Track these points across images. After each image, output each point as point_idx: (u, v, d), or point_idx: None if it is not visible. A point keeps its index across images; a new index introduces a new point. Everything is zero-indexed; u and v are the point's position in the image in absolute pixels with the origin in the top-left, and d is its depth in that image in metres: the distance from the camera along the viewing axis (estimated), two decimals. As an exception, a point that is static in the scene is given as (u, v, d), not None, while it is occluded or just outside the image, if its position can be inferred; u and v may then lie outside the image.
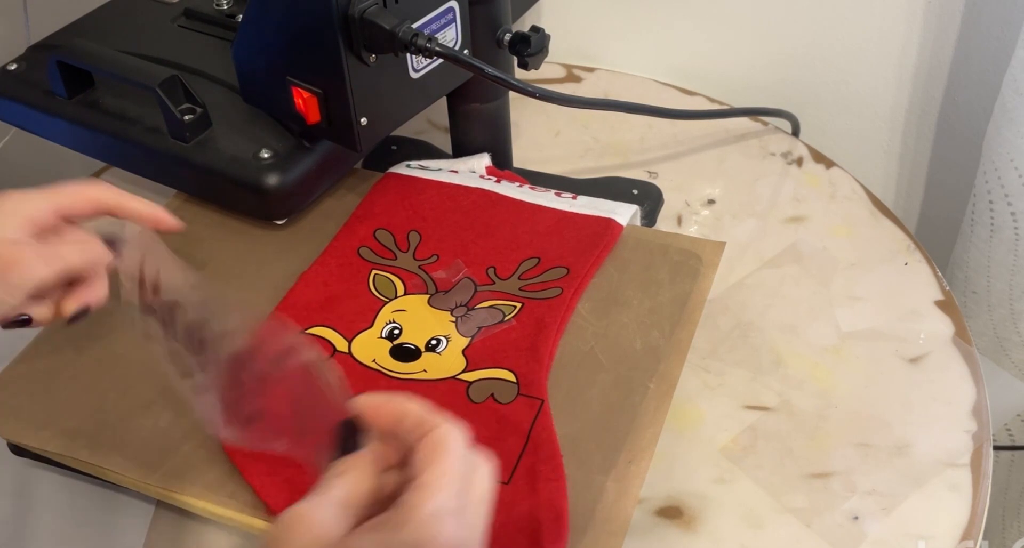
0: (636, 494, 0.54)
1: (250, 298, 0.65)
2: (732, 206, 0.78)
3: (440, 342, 0.61)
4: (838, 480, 0.58)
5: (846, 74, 0.87)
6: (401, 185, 0.72)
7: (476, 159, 0.74)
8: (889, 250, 0.74)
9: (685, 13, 0.89)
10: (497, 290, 0.64)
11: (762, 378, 0.64)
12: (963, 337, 0.67)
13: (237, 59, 0.67)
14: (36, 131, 0.74)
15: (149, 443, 0.57)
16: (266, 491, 0.54)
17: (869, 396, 0.63)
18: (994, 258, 0.78)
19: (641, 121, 0.85)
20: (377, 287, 0.65)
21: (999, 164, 0.73)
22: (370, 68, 0.60)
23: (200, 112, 0.68)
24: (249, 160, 0.67)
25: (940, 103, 0.86)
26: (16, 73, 0.74)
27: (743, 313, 0.68)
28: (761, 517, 0.57)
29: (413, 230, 0.69)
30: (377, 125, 0.64)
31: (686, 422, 0.62)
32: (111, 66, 0.68)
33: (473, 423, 0.56)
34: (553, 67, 0.93)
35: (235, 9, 0.79)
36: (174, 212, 0.73)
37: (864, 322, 0.68)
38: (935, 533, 0.56)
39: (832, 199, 0.78)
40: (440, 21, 0.62)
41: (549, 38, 0.66)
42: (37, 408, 0.60)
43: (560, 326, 0.62)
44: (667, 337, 0.61)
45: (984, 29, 0.79)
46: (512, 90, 0.61)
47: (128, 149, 0.70)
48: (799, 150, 0.83)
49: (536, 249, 0.67)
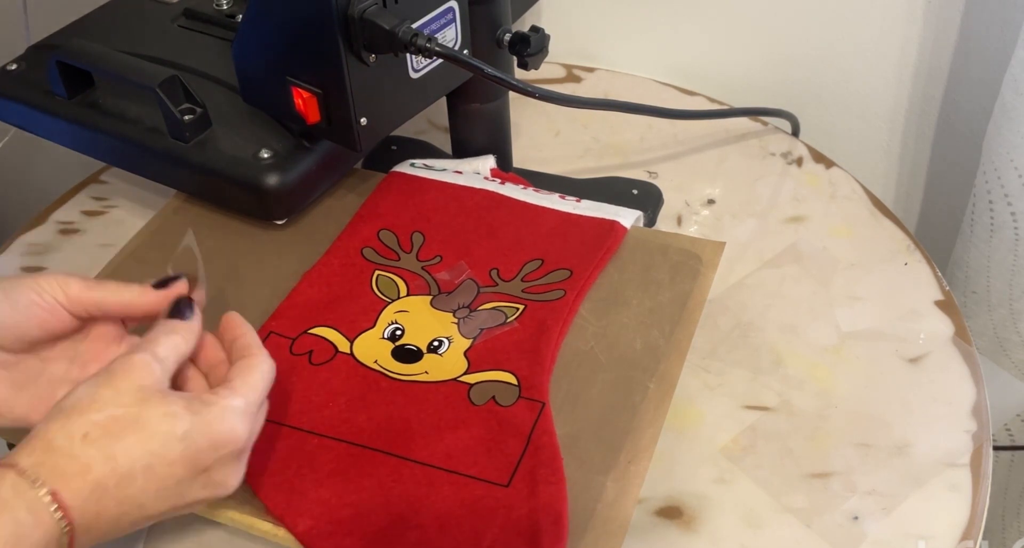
0: (636, 494, 0.54)
1: (250, 298, 0.65)
2: (732, 206, 0.78)
3: (442, 343, 0.61)
4: (838, 480, 0.58)
5: (846, 74, 0.87)
6: (405, 185, 0.72)
7: (480, 160, 0.74)
8: (889, 250, 0.74)
9: (685, 13, 0.89)
10: (500, 292, 0.64)
11: (762, 378, 0.64)
12: (963, 337, 0.67)
13: (237, 59, 0.67)
14: (36, 131, 0.74)
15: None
16: (265, 492, 0.54)
17: (869, 396, 0.63)
18: (994, 258, 0.78)
19: (641, 121, 0.85)
20: (380, 288, 0.65)
21: (999, 164, 0.73)
22: (370, 68, 0.60)
23: (200, 112, 0.68)
24: (249, 160, 0.67)
25: (940, 103, 0.86)
26: (16, 73, 0.74)
27: (743, 313, 0.68)
28: (761, 517, 0.57)
29: (417, 231, 0.69)
30: (377, 125, 0.64)
31: (686, 422, 0.62)
32: (111, 66, 0.68)
33: (474, 425, 0.56)
34: (553, 67, 0.93)
35: (235, 9, 0.79)
36: (174, 212, 0.73)
37: (864, 322, 0.68)
38: (935, 533, 0.56)
39: (832, 199, 0.78)
40: (440, 21, 0.62)
41: (549, 38, 0.66)
42: (37, 408, 0.60)
43: (563, 329, 0.62)
44: (667, 337, 0.61)
45: (984, 29, 0.79)
46: (512, 90, 0.61)
47: (128, 149, 0.70)
48: (799, 150, 0.83)
49: (539, 251, 0.67)
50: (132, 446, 0.41)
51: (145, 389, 0.43)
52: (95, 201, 0.81)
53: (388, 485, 0.54)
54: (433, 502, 0.53)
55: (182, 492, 0.44)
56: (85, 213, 0.80)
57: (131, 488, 0.42)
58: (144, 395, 0.43)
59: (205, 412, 0.43)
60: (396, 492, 0.53)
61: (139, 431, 0.42)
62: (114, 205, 0.81)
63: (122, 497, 0.42)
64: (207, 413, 0.43)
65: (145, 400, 0.43)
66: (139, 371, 0.44)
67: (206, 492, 0.45)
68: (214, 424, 0.43)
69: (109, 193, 0.82)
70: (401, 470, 0.55)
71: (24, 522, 0.39)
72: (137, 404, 0.43)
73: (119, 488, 0.41)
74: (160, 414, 0.42)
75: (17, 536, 0.39)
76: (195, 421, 0.43)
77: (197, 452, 0.43)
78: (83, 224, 0.79)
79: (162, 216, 0.73)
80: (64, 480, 0.40)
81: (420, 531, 0.52)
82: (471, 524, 0.52)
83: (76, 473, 0.40)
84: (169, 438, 0.42)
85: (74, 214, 0.80)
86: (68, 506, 0.40)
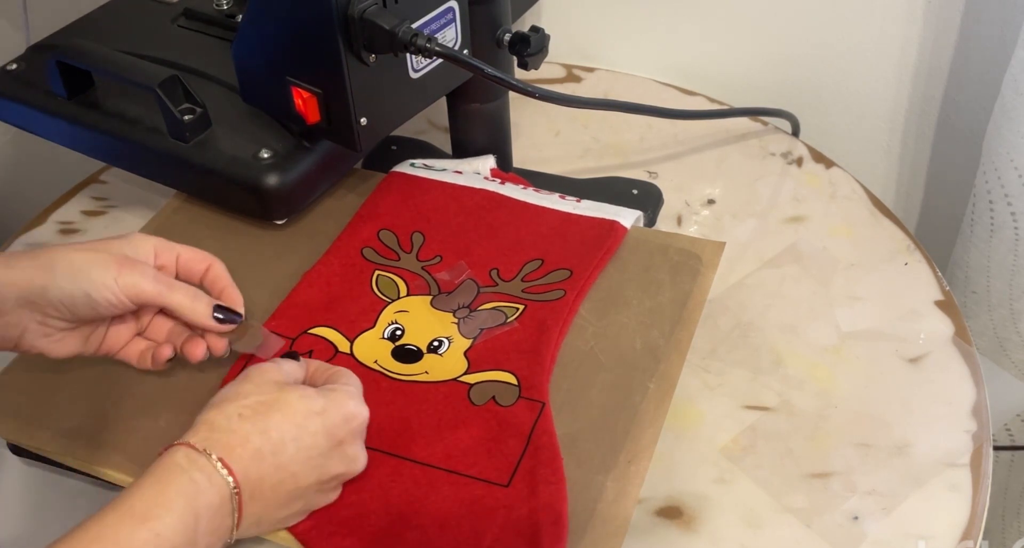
0: (636, 494, 0.54)
1: (250, 298, 0.65)
2: (732, 206, 0.78)
3: (442, 343, 0.61)
4: (838, 480, 0.58)
5: (846, 74, 0.87)
6: (405, 185, 0.72)
7: (481, 160, 0.74)
8: (889, 250, 0.74)
9: (685, 13, 0.89)
10: (500, 292, 0.64)
11: (762, 378, 0.64)
12: (963, 337, 0.67)
13: (237, 59, 0.67)
14: (36, 131, 0.74)
15: (148, 443, 0.57)
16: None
17: (869, 396, 0.63)
18: (994, 258, 0.78)
19: (641, 121, 0.85)
20: (380, 288, 0.65)
21: (999, 164, 0.73)
22: (370, 68, 0.60)
23: (200, 112, 0.68)
24: (249, 160, 0.67)
25: (940, 103, 0.86)
26: (16, 73, 0.74)
27: (743, 313, 0.68)
28: (761, 517, 0.57)
29: (417, 231, 0.69)
30: (377, 125, 0.64)
31: (686, 422, 0.62)
32: (111, 66, 0.68)
33: (474, 425, 0.56)
34: (553, 67, 0.93)
35: (235, 9, 0.79)
36: (174, 212, 0.73)
37: (864, 322, 0.68)
38: (935, 533, 0.56)
39: (832, 199, 0.78)
40: (440, 21, 0.62)
41: (549, 38, 0.66)
42: (37, 408, 0.60)
43: (563, 329, 0.62)
44: (667, 337, 0.61)
45: (984, 29, 0.79)
46: (512, 90, 0.61)
47: (128, 149, 0.70)
48: (799, 150, 0.83)
49: (539, 251, 0.67)
50: (280, 421, 0.49)
51: (279, 382, 0.52)
52: (95, 201, 0.81)
53: (388, 485, 0.54)
54: (433, 502, 0.53)
55: (324, 464, 0.51)
56: (85, 213, 0.80)
57: (283, 456, 0.49)
58: (280, 385, 0.51)
59: (332, 394, 0.52)
60: (396, 492, 0.53)
61: (283, 409, 0.50)
62: (114, 205, 0.81)
63: (278, 464, 0.49)
64: (334, 395, 0.52)
65: (282, 388, 0.51)
66: (271, 372, 0.52)
67: (343, 466, 0.52)
68: (342, 401, 0.52)
69: (109, 193, 0.82)
70: (401, 470, 0.55)
71: (199, 481, 0.46)
72: (277, 391, 0.51)
73: (275, 456, 0.49)
74: (297, 396, 0.51)
75: (195, 493, 0.46)
76: (327, 400, 0.51)
77: (333, 425, 0.51)
78: (83, 224, 0.79)
79: (162, 216, 0.73)
80: (228, 449, 0.48)
81: (420, 531, 0.52)
82: (471, 524, 0.52)
83: (237, 444, 0.48)
84: (309, 413, 0.50)
85: (74, 214, 0.80)
86: (234, 470, 0.47)
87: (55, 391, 0.61)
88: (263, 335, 0.59)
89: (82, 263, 0.52)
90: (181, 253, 0.58)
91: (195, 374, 0.61)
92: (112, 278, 0.52)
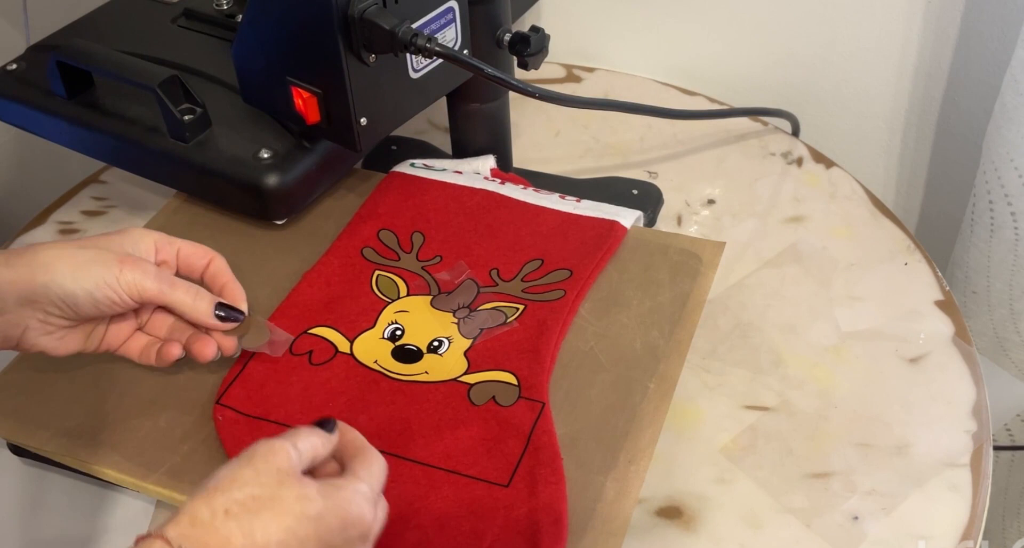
0: (636, 494, 0.54)
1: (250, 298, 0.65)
2: (732, 206, 0.78)
3: (442, 343, 0.61)
4: (838, 480, 0.58)
5: (846, 74, 0.87)
6: (405, 185, 0.72)
7: (481, 160, 0.74)
8: (889, 250, 0.74)
9: (685, 13, 0.89)
10: (500, 292, 0.64)
11: (762, 378, 0.64)
12: (963, 337, 0.67)
13: (237, 59, 0.67)
14: (36, 131, 0.74)
15: (148, 443, 0.57)
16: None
17: (869, 396, 0.63)
18: (994, 258, 0.78)
19: (641, 121, 0.85)
20: (379, 288, 0.65)
21: (999, 164, 0.73)
22: (370, 68, 0.60)
23: (200, 112, 0.68)
24: (249, 160, 0.67)
25: (940, 103, 0.86)
26: (16, 73, 0.74)
27: (743, 313, 0.68)
28: (761, 517, 0.57)
29: (417, 231, 0.69)
30: (377, 125, 0.64)
31: (686, 422, 0.62)
32: (111, 66, 0.68)
33: (474, 425, 0.56)
34: (553, 67, 0.93)
35: (235, 9, 0.79)
36: (174, 212, 0.73)
37: (864, 322, 0.68)
38: (935, 533, 0.56)
39: (832, 199, 0.78)
40: (440, 21, 0.62)
41: (549, 38, 0.66)
42: (36, 408, 0.60)
43: (563, 329, 0.62)
44: (667, 337, 0.61)
45: (984, 29, 0.79)
46: (512, 90, 0.61)
47: (128, 149, 0.70)
48: (799, 150, 0.83)
49: (539, 251, 0.67)
50: (268, 522, 0.44)
51: (283, 472, 0.46)
52: (95, 201, 0.81)
53: (388, 485, 0.54)
54: (433, 502, 0.53)
55: None
56: (85, 213, 0.80)
57: None
58: (281, 477, 0.46)
59: (336, 495, 0.46)
60: (396, 492, 0.53)
61: (275, 509, 0.45)
62: (114, 205, 0.81)
63: None
64: (338, 496, 0.46)
65: (282, 482, 0.46)
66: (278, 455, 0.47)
67: None
68: (344, 506, 0.46)
69: (109, 193, 0.82)
70: (401, 470, 0.54)
71: None
72: (275, 485, 0.45)
73: None
74: (295, 495, 0.45)
75: None
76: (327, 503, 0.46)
77: (328, 531, 0.46)
78: (83, 224, 0.79)
79: (162, 216, 0.73)
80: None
81: (420, 531, 0.52)
82: (471, 524, 0.52)
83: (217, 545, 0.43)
84: (302, 517, 0.45)
85: (74, 214, 0.80)
86: None
87: (55, 391, 0.61)
88: (269, 330, 0.58)
89: (84, 261, 0.52)
90: (181, 248, 0.57)
91: (195, 373, 0.61)
92: (114, 276, 0.52)
